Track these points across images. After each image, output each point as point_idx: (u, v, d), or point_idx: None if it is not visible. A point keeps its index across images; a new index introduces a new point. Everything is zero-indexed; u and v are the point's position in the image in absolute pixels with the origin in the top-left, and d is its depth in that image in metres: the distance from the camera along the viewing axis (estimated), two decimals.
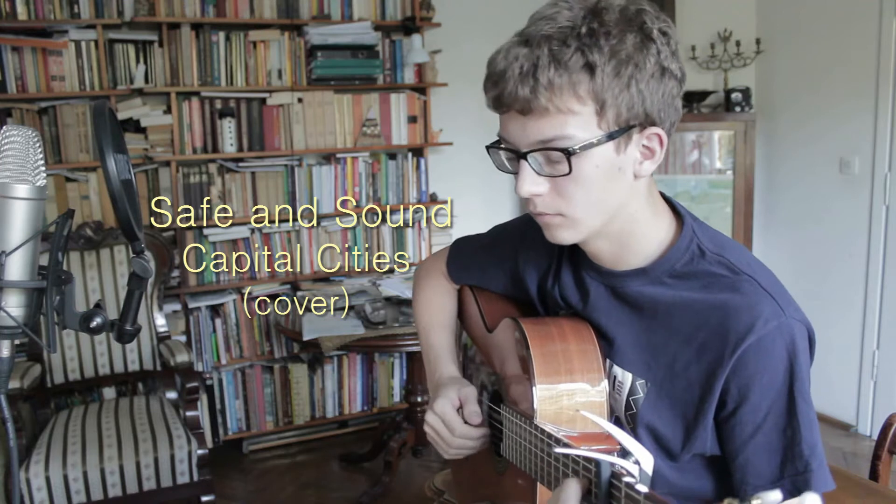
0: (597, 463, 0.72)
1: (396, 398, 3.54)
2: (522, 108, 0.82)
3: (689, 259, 0.92)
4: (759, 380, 0.85)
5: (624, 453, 0.77)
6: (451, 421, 1.07)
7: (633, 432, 0.95)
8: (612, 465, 0.72)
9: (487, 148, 0.92)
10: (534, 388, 0.93)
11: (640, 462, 0.74)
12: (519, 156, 0.86)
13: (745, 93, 3.61)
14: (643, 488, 0.66)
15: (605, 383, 0.96)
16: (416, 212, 3.54)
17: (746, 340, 0.84)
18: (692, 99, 3.68)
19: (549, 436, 0.86)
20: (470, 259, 1.23)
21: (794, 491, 0.83)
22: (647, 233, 0.93)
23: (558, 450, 0.82)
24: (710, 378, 0.87)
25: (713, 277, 0.89)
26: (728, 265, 0.90)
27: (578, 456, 0.77)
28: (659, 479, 0.93)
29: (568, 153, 0.82)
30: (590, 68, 0.79)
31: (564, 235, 0.91)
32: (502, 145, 0.90)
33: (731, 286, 0.88)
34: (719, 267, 0.90)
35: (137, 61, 3.03)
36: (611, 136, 0.82)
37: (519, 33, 0.84)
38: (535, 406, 0.93)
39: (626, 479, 0.69)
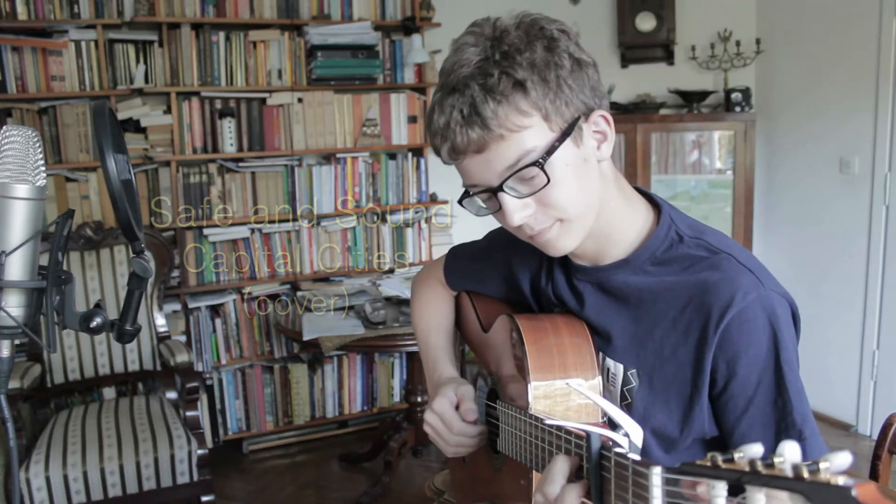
0: (587, 436, 0.73)
1: (396, 398, 3.54)
2: (478, 147, 0.86)
3: (669, 245, 0.94)
4: (745, 353, 0.87)
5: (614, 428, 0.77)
6: (450, 419, 1.08)
7: None
8: (602, 436, 0.73)
9: (460, 202, 0.94)
10: (529, 384, 0.95)
11: (629, 434, 0.76)
12: (494, 191, 0.88)
13: (745, 93, 3.61)
14: (634, 456, 0.67)
15: (598, 377, 0.98)
16: (416, 212, 3.54)
17: (728, 314, 0.86)
18: (692, 99, 3.68)
19: (542, 420, 0.87)
20: (466, 265, 1.26)
21: None
22: (624, 223, 0.96)
23: (549, 421, 0.84)
24: (698, 357, 0.89)
25: (693, 260, 0.92)
26: (706, 246, 0.93)
27: (569, 432, 0.78)
28: None
29: (539, 164, 0.85)
30: (520, 85, 0.83)
31: (567, 242, 0.93)
32: (472, 191, 0.92)
33: (711, 265, 0.90)
34: (698, 249, 0.93)
35: (137, 61, 3.03)
36: (566, 134, 0.86)
37: (440, 87, 0.89)
38: (529, 400, 0.94)
39: (617, 450, 0.70)
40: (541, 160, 0.85)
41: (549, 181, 0.86)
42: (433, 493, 1.56)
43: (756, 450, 0.52)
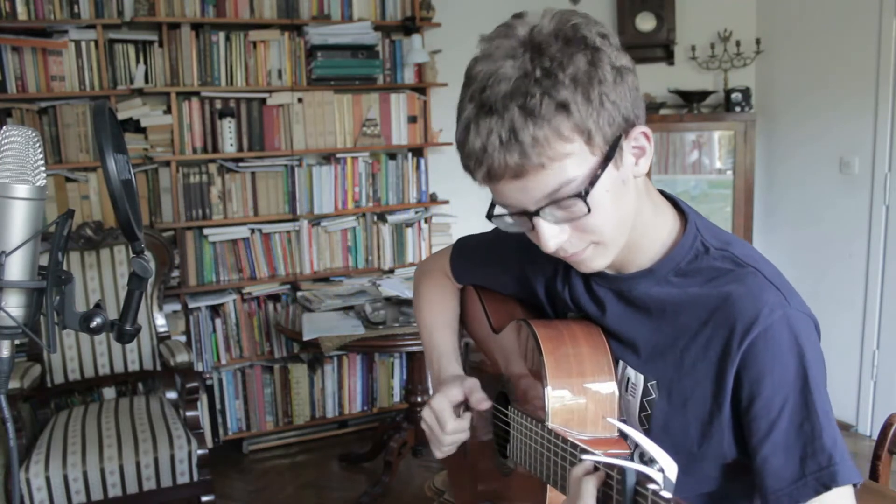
0: (621, 470, 0.71)
1: (396, 398, 3.54)
2: (516, 173, 0.80)
3: (694, 256, 0.91)
4: (769, 373, 0.83)
5: (648, 461, 0.75)
6: (444, 418, 1.07)
7: (649, 434, 0.94)
8: (637, 472, 0.71)
9: (489, 217, 0.90)
10: (546, 391, 0.93)
11: (664, 469, 0.73)
12: (530, 215, 0.84)
13: (745, 93, 3.61)
14: (668, 495, 0.66)
15: (615, 387, 0.96)
16: (416, 212, 3.54)
17: (753, 331, 0.83)
18: (692, 99, 3.68)
19: (566, 441, 0.85)
20: (474, 258, 1.23)
21: (818, 488, 0.81)
22: (651, 231, 0.93)
23: (585, 457, 0.80)
24: (719, 372, 0.86)
25: (717, 272, 0.89)
26: (732, 259, 0.90)
27: (600, 463, 0.76)
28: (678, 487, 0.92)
29: (582, 196, 0.80)
30: (563, 107, 0.77)
31: (599, 262, 0.90)
32: (505, 212, 0.87)
33: (735, 278, 0.87)
34: (724, 261, 0.90)
35: (137, 61, 3.03)
36: (608, 158, 0.81)
37: (473, 99, 0.81)
38: (547, 409, 0.92)
39: (651, 486, 0.68)
40: (584, 192, 0.80)
41: (589, 211, 0.82)
42: (433, 493, 1.56)
43: None
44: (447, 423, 1.07)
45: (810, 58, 3.47)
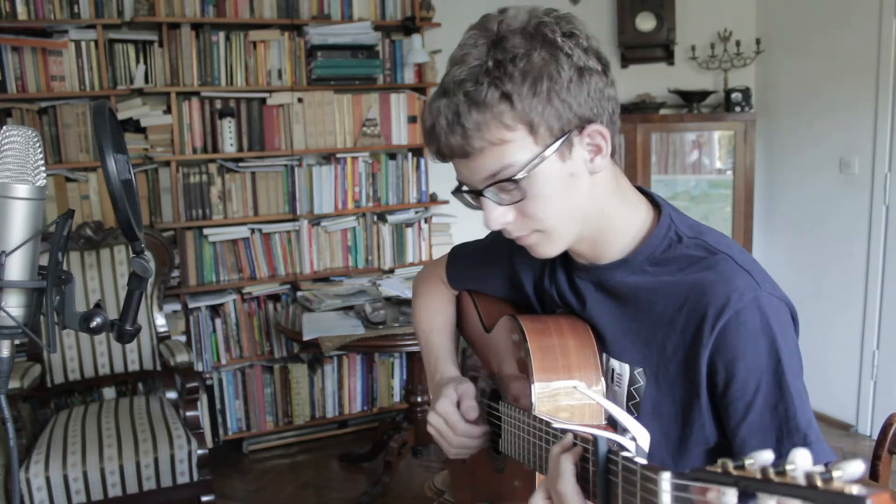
0: (594, 440, 0.73)
1: (396, 398, 3.54)
2: (461, 153, 0.86)
3: (668, 245, 0.94)
4: (742, 356, 0.85)
5: (621, 431, 0.76)
6: (454, 421, 1.08)
7: (639, 420, 0.94)
8: (610, 440, 0.72)
9: (453, 193, 0.97)
10: (532, 384, 0.95)
11: (636, 438, 0.75)
12: (477, 193, 0.90)
13: (745, 93, 3.61)
14: (641, 460, 0.66)
15: (601, 378, 0.98)
16: (416, 212, 3.54)
17: (724, 315, 0.85)
18: (692, 99, 3.68)
19: (549, 425, 0.87)
20: (468, 264, 1.26)
21: None
22: (621, 225, 0.95)
23: (556, 425, 0.84)
24: (695, 357, 0.88)
25: (690, 260, 0.91)
26: (705, 246, 0.92)
27: (576, 435, 0.78)
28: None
29: (515, 181, 0.85)
30: (507, 97, 0.82)
31: (547, 250, 0.94)
32: (463, 188, 0.94)
33: (707, 265, 0.90)
34: (697, 249, 0.92)
35: (137, 61, 3.03)
36: (550, 148, 0.85)
37: (440, 82, 0.89)
38: (533, 400, 0.94)
39: (624, 454, 0.69)
40: (518, 178, 0.85)
41: (525, 197, 0.87)
42: (433, 493, 1.56)
43: (767, 456, 0.51)
44: (457, 425, 1.08)
45: (810, 58, 3.47)
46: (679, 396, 0.91)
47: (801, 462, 0.48)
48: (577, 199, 0.90)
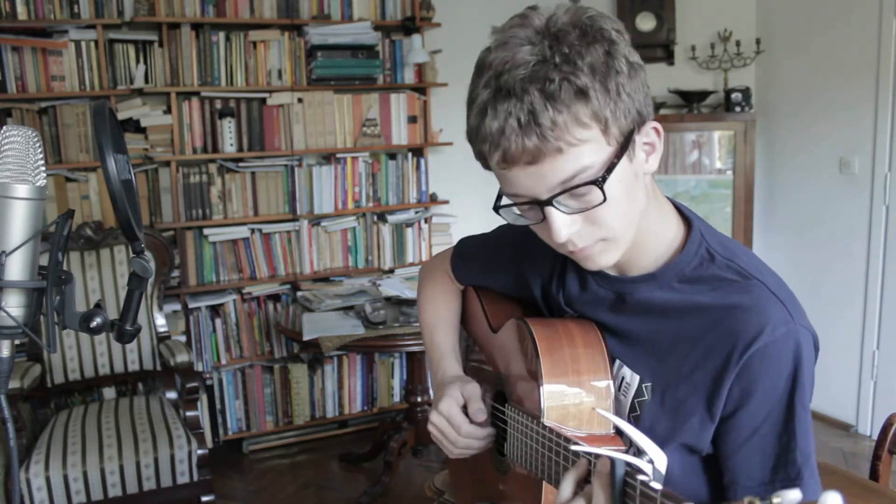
0: (612, 462, 0.72)
1: (396, 398, 3.54)
2: (533, 158, 0.79)
3: (699, 263, 0.91)
4: (762, 385, 0.84)
5: (637, 452, 0.76)
6: (458, 421, 1.07)
7: None
8: (627, 463, 0.72)
9: (495, 209, 0.89)
10: (541, 389, 0.93)
11: (653, 461, 0.74)
12: (541, 204, 0.83)
13: (745, 93, 3.61)
14: (657, 486, 0.66)
15: (611, 386, 0.96)
16: (416, 212, 3.54)
17: (754, 345, 0.83)
18: (692, 99, 3.68)
19: (559, 435, 0.86)
20: (474, 259, 1.23)
21: None
22: (657, 232, 0.92)
23: (575, 447, 0.82)
24: (716, 381, 0.86)
25: (723, 282, 0.89)
26: (738, 270, 0.89)
27: (592, 454, 0.77)
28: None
29: (599, 183, 0.80)
30: (582, 93, 0.77)
31: (608, 258, 0.89)
32: (514, 201, 0.86)
33: (741, 290, 0.87)
34: (729, 272, 0.89)
35: (137, 61, 3.03)
36: (623, 148, 0.82)
37: (488, 85, 0.81)
38: (542, 406, 0.93)
39: (641, 476, 0.69)
40: (601, 179, 0.80)
41: (599, 201, 0.81)
42: (433, 493, 1.56)
43: (794, 496, 0.51)
44: (462, 427, 1.07)
45: (810, 58, 3.47)
46: (684, 417, 0.90)
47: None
48: (638, 202, 0.87)
